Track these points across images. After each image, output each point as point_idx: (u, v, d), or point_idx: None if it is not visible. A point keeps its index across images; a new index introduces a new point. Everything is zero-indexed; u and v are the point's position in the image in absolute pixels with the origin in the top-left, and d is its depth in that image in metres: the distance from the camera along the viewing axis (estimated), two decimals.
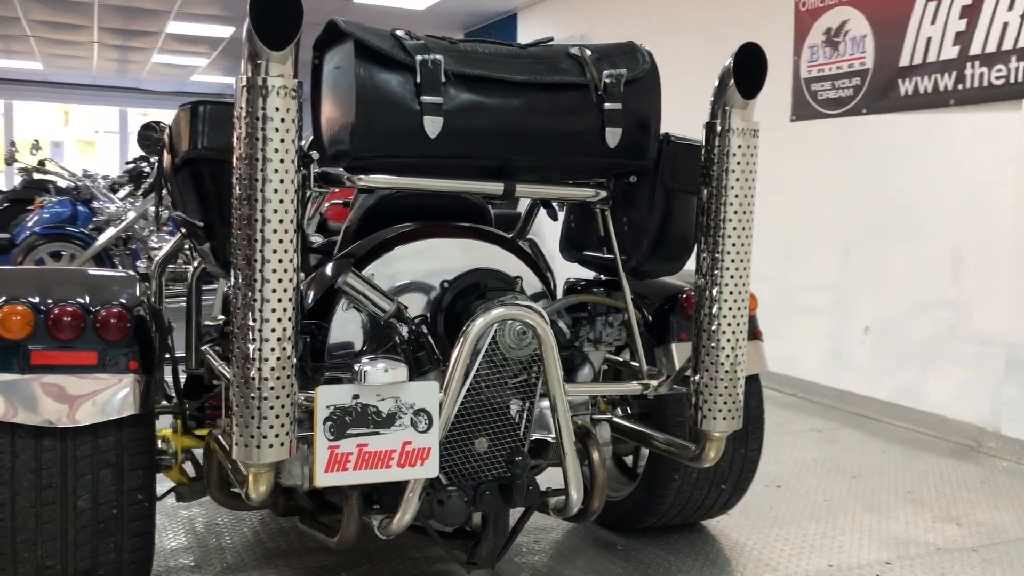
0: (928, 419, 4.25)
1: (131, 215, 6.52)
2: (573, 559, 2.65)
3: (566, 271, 2.68)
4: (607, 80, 2.03)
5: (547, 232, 3.39)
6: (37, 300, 1.99)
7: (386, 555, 2.61)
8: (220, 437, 2.19)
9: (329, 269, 2.24)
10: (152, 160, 7.88)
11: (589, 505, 2.14)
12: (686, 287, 2.63)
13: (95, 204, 7.13)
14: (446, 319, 2.18)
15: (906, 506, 3.21)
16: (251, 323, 1.66)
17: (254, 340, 1.66)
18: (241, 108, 1.64)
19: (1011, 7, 3.86)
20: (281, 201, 1.65)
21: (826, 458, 3.80)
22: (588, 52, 2.08)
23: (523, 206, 3.39)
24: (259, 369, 1.67)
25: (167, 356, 2.47)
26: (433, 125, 1.90)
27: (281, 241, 1.66)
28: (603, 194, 2.21)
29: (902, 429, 4.31)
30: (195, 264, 2.57)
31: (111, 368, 2.00)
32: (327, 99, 1.99)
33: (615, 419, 2.48)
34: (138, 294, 2.16)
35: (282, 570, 2.51)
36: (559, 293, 2.50)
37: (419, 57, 1.89)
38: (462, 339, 1.94)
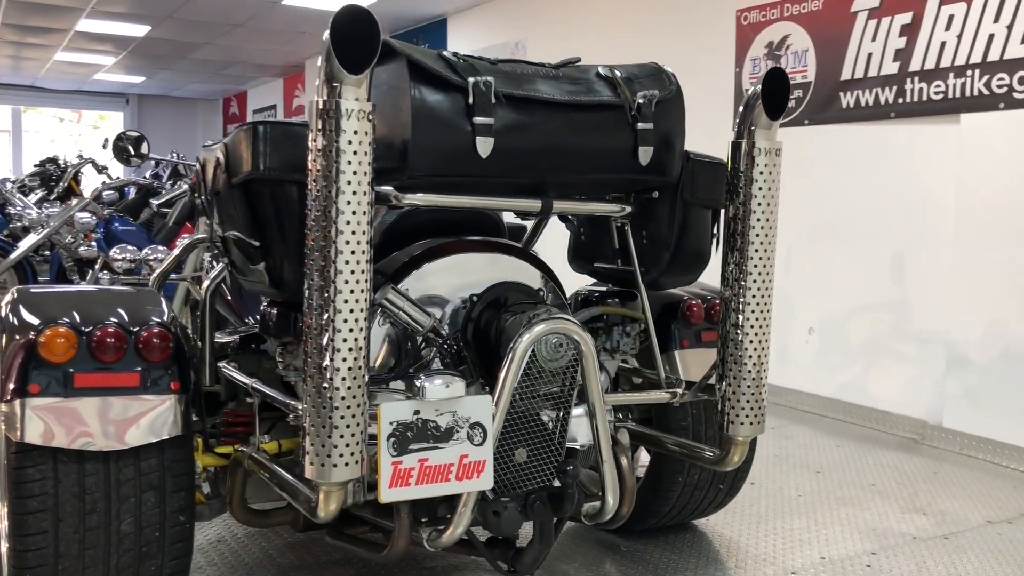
0: (873, 415, 4.50)
1: (53, 222, 6.27)
2: (580, 560, 2.72)
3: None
4: (640, 100, 2.11)
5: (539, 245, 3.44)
6: (79, 321, 1.94)
7: (402, 566, 2.63)
8: (255, 454, 2.18)
9: None
10: (75, 163, 7.63)
11: (619, 510, 2.22)
12: (685, 296, 2.74)
13: (9, 210, 6.83)
14: (475, 332, 2.22)
15: (873, 498, 3.40)
16: (326, 343, 1.68)
17: (329, 361, 1.68)
18: (318, 130, 1.65)
19: (948, 27, 4.12)
20: (357, 222, 1.67)
21: (787, 454, 3.98)
22: (618, 73, 2.15)
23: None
24: (335, 389, 1.68)
25: None
26: (485, 145, 1.94)
27: (357, 261, 1.68)
28: (628, 209, 2.29)
29: (849, 425, 4.54)
30: (209, 280, 2.53)
31: (153, 389, 1.97)
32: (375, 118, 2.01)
33: (630, 426, 2.56)
34: (167, 313, 2.13)
35: None
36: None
37: (471, 79, 1.93)
38: (511, 354, 1.99)
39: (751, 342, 2.18)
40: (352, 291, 1.68)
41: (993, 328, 4.00)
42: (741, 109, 2.14)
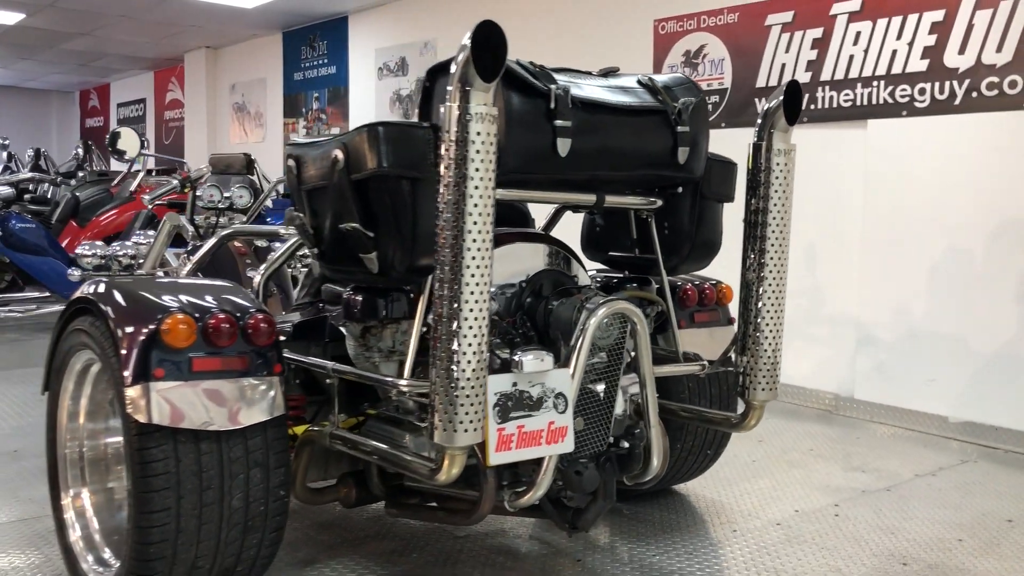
0: (790, 390, 4.97)
1: None
2: (610, 527, 2.99)
3: None
4: (680, 106, 2.40)
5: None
6: (194, 310, 2.05)
7: (431, 538, 2.82)
8: (336, 431, 2.33)
9: None
10: None
11: (659, 471, 2.50)
12: (679, 282, 3.05)
13: None
14: (525, 314, 2.46)
15: (817, 461, 3.83)
16: (455, 325, 1.86)
17: (457, 340, 1.86)
18: (451, 132, 1.84)
19: (855, 43, 4.64)
20: (482, 213, 1.87)
21: None
22: (658, 82, 2.43)
23: None
24: (462, 367, 1.86)
25: None
26: (564, 146, 2.18)
27: (481, 250, 1.87)
28: (659, 203, 2.57)
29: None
30: (265, 266, 2.64)
31: (258, 372, 2.10)
32: None
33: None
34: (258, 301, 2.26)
35: (351, 557, 2.65)
36: None
37: (552, 86, 2.16)
38: (583, 331, 2.23)
39: (768, 321, 2.50)
40: (478, 283, 1.85)
41: (898, 310, 4.54)
42: (761, 115, 2.47)
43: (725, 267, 2.89)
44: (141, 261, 4.13)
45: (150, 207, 3.91)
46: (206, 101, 10.71)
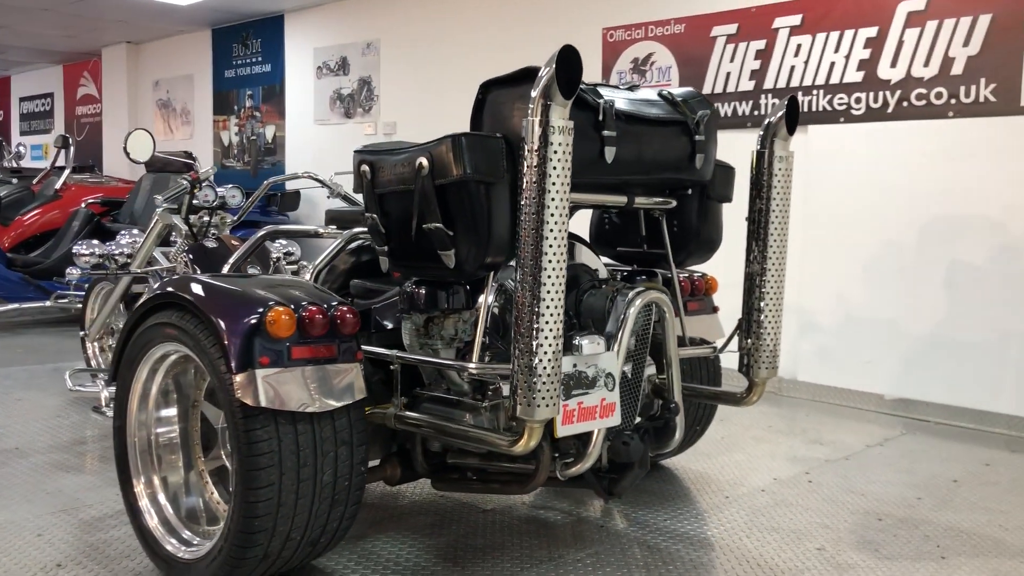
0: (737, 375, 5.37)
1: None
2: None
3: None
4: (698, 118, 2.70)
5: None
6: (289, 303, 2.24)
7: (464, 512, 3.07)
8: (400, 412, 2.54)
9: None
10: None
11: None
12: (667, 274, 3.37)
13: None
14: None
15: (778, 436, 4.23)
16: (535, 314, 2.11)
17: (538, 327, 2.11)
18: (532, 142, 2.09)
19: (796, 54, 5.07)
20: (559, 215, 2.12)
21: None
22: (677, 96, 2.73)
23: None
24: (544, 350, 2.11)
25: None
26: (610, 153, 2.45)
27: (558, 248, 2.12)
28: (674, 203, 2.88)
29: None
30: (317, 263, 2.83)
31: (344, 359, 2.30)
32: (518, 129, 2.45)
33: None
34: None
35: (397, 531, 2.87)
36: None
37: (601, 100, 2.43)
38: (626, 317, 2.51)
39: (770, 308, 2.84)
40: (555, 278, 2.11)
41: (837, 299, 4.99)
42: (764, 126, 2.80)
43: (714, 261, 3.20)
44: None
45: (161, 207, 3.97)
46: (127, 97, 10.53)
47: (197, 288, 2.34)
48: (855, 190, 4.87)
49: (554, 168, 2.10)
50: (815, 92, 4.99)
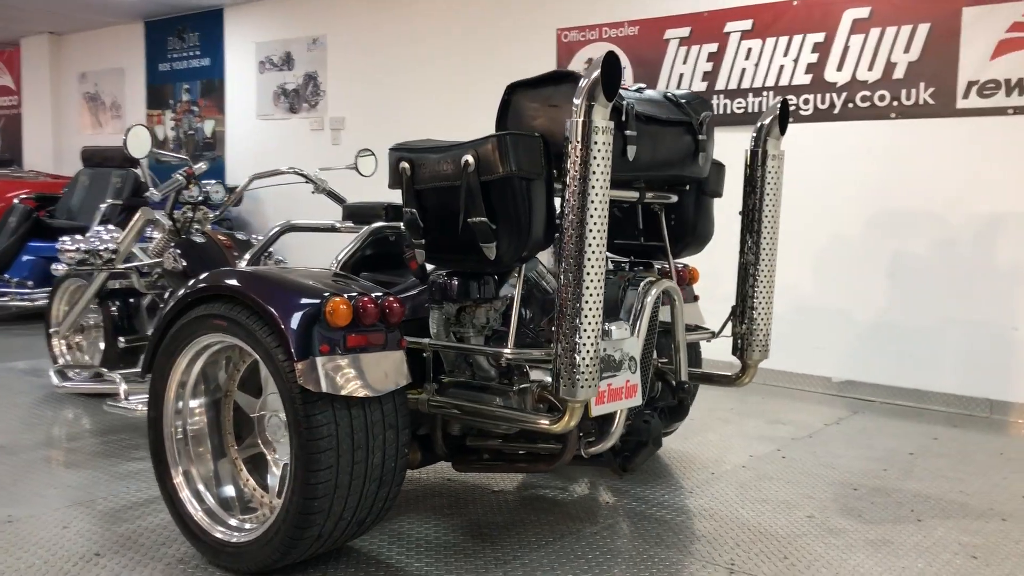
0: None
1: None
2: (584, 477, 3.47)
3: None
4: (701, 119, 2.91)
5: None
6: (344, 293, 2.34)
7: (475, 494, 3.21)
8: (434, 398, 2.67)
9: None
10: None
11: None
12: (656, 266, 3.57)
13: None
14: None
15: (742, 418, 4.49)
16: (578, 302, 2.27)
17: (581, 314, 2.27)
18: (577, 141, 2.25)
19: (747, 57, 5.35)
20: (600, 210, 2.29)
21: None
22: (679, 97, 2.93)
23: None
24: (588, 335, 2.27)
25: None
26: (632, 152, 2.63)
27: (599, 241, 2.29)
28: (675, 198, 3.07)
29: None
30: (340, 256, 2.93)
31: (391, 346, 2.42)
32: (542, 129, 2.60)
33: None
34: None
35: (417, 512, 3.00)
36: None
37: (624, 101, 2.61)
38: (643, 305, 2.70)
39: (762, 296, 3.06)
40: (596, 269, 2.27)
41: (788, 289, 5.28)
42: (756, 127, 3.03)
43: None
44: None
45: (158, 199, 3.96)
46: (49, 89, 10.24)
47: (249, 280, 2.42)
48: (804, 186, 5.18)
49: (597, 165, 2.26)
50: (765, 93, 5.28)
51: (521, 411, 2.55)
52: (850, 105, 5.00)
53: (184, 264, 3.85)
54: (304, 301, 2.32)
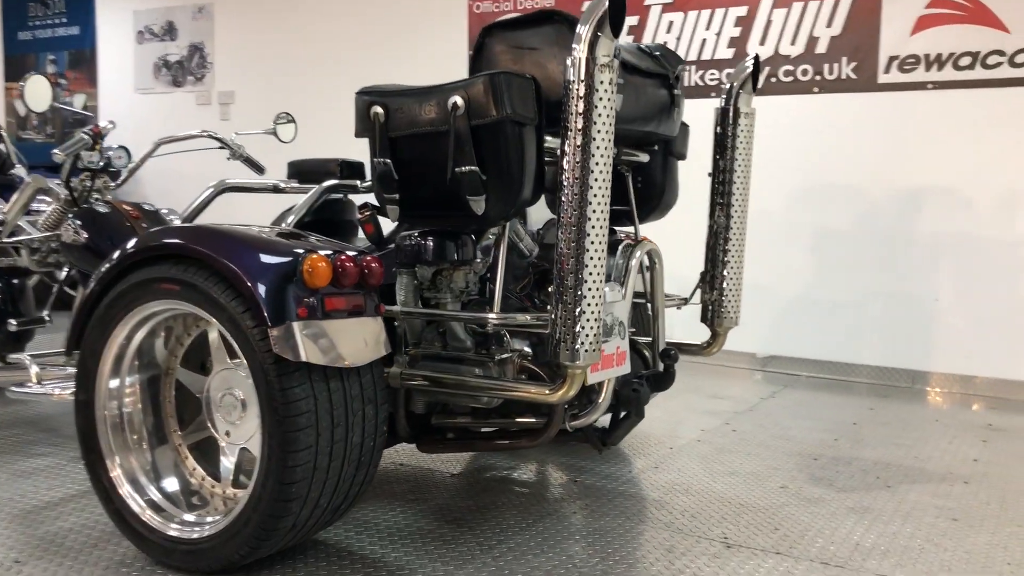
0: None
1: None
2: (553, 455, 3.29)
3: None
4: (677, 72, 2.76)
5: None
6: (323, 252, 2.06)
7: (433, 479, 2.98)
8: (408, 370, 2.41)
9: None
10: None
11: None
12: (620, 234, 3.42)
13: None
14: (540, 256, 2.72)
15: (681, 394, 4.39)
16: (581, 262, 2.06)
17: (585, 272, 2.07)
18: (580, 80, 2.04)
19: (669, 31, 5.27)
20: (605, 157, 2.09)
21: None
22: (652, 49, 2.77)
23: None
24: (592, 295, 2.08)
25: None
26: (619, 101, 2.44)
27: (603, 191, 2.09)
28: (647, 157, 2.91)
29: None
30: (292, 217, 2.61)
31: (370, 312, 2.16)
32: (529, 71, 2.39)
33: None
34: None
35: (379, 500, 2.74)
36: None
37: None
38: (628, 268, 2.54)
39: (733, 263, 2.95)
40: (600, 221, 2.07)
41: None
42: (728, 84, 2.90)
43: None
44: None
45: (61, 159, 3.51)
46: None
47: (207, 236, 2.10)
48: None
49: (604, 106, 2.06)
50: (688, 68, 5.21)
51: (515, 381, 2.33)
52: (773, 80, 4.99)
53: (86, 236, 3.42)
54: (277, 259, 2.04)
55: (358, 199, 2.83)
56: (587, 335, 2.10)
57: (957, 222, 4.60)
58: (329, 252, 2.09)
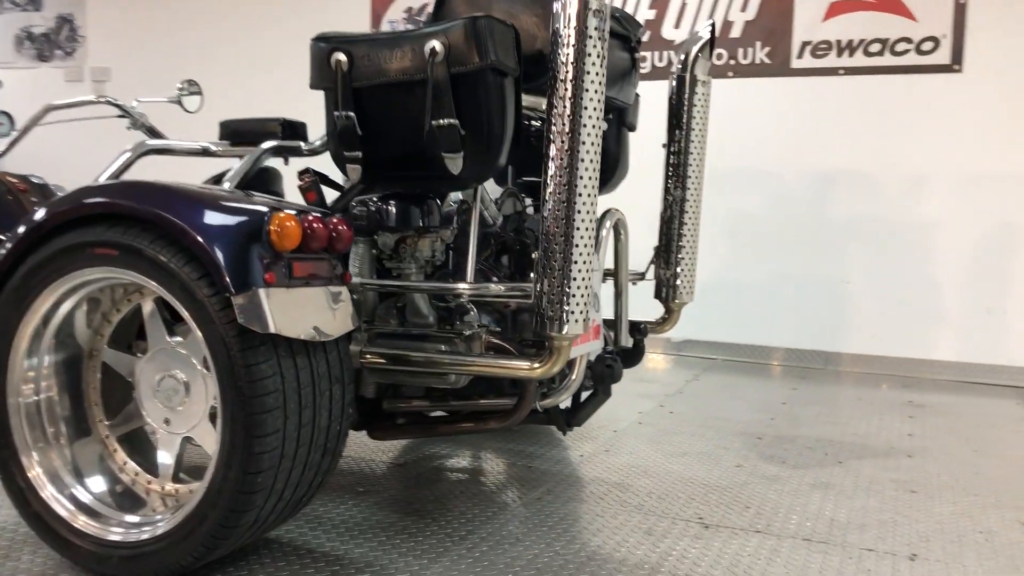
0: None
1: None
2: (490, 440, 3.13)
3: None
4: (639, 35, 2.64)
5: None
6: (289, 211, 1.82)
7: (380, 470, 2.76)
8: (368, 347, 2.19)
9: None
10: None
11: None
12: None
13: None
14: (503, 225, 2.56)
15: (640, 383, 4.30)
16: (570, 225, 1.90)
17: (575, 238, 1.91)
18: (569, 26, 1.88)
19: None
20: (597, 109, 1.93)
21: None
22: (613, 11, 2.64)
23: None
24: (582, 261, 1.92)
25: None
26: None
27: (594, 145, 1.93)
28: (605, 125, 2.77)
29: None
30: (229, 178, 2.33)
31: (337, 281, 1.94)
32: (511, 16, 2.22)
33: None
34: None
35: (325, 498, 2.50)
36: None
37: None
38: (600, 238, 2.39)
39: (689, 238, 2.86)
40: (591, 178, 1.91)
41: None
42: (684, 52, 2.80)
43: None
44: None
45: None
46: None
47: (154, 193, 1.83)
48: (641, 145, 5.08)
49: (598, 55, 1.91)
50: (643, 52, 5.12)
51: (491, 358, 2.14)
52: None
53: None
54: (238, 218, 1.79)
55: (298, 164, 2.57)
56: (577, 303, 1.94)
57: (867, 205, 4.69)
58: (294, 212, 1.85)
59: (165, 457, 2.04)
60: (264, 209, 1.80)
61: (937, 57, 4.51)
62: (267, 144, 2.45)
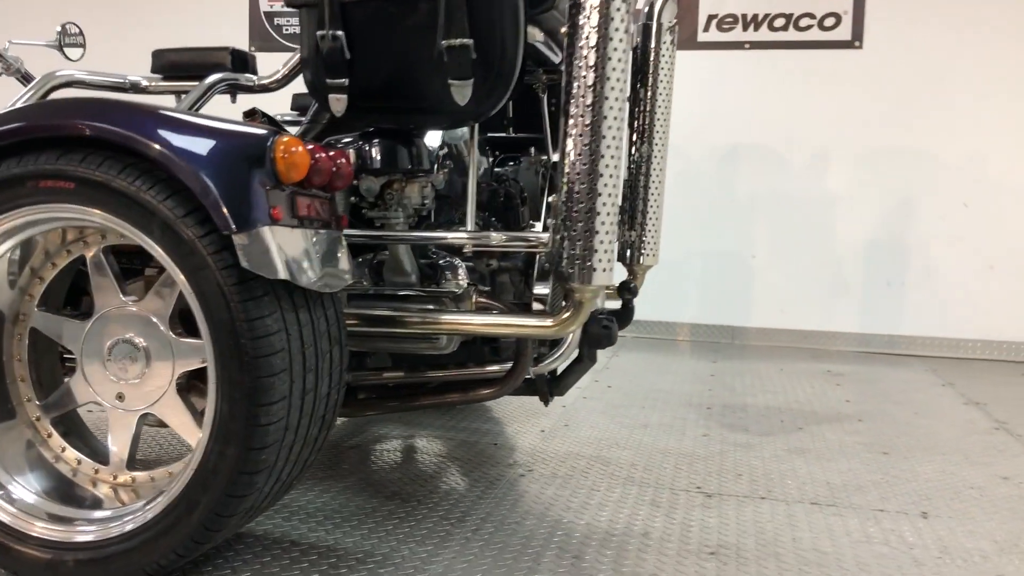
0: None
1: None
2: (431, 417, 2.89)
3: None
4: None
5: None
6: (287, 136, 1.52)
7: (333, 456, 2.46)
8: (363, 312, 1.91)
9: None
10: None
11: None
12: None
13: None
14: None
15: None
16: (598, 158, 1.71)
17: (602, 181, 1.72)
18: None
19: None
20: (624, 47, 1.74)
21: None
22: None
23: None
24: (608, 207, 1.73)
25: None
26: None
27: (623, 85, 1.74)
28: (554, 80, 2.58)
29: None
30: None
31: (336, 224, 1.65)
32: None
33: None
34: None
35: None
36: None
37: None
38: None
39: (654, 198, 2.71)
40: (618, 120, 1.73)
41: None
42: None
43: None
44: None
45: None
46: None
47: (123, 112, 1.48)
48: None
49: (620, 18, 1.72)
50: None
51: (503, 316, 1.90)
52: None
53: None
54: (235, 142, 1.47)
55: (244, 104, 2.23)
56: (605, 250, 1.75)
57: (772, 180, 4.72)
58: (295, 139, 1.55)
59: (117, 441, 1.69)
60: (263, 132, 1.50)
61: (839, 33, 4.58)
62: (215, 76, 2.11)
